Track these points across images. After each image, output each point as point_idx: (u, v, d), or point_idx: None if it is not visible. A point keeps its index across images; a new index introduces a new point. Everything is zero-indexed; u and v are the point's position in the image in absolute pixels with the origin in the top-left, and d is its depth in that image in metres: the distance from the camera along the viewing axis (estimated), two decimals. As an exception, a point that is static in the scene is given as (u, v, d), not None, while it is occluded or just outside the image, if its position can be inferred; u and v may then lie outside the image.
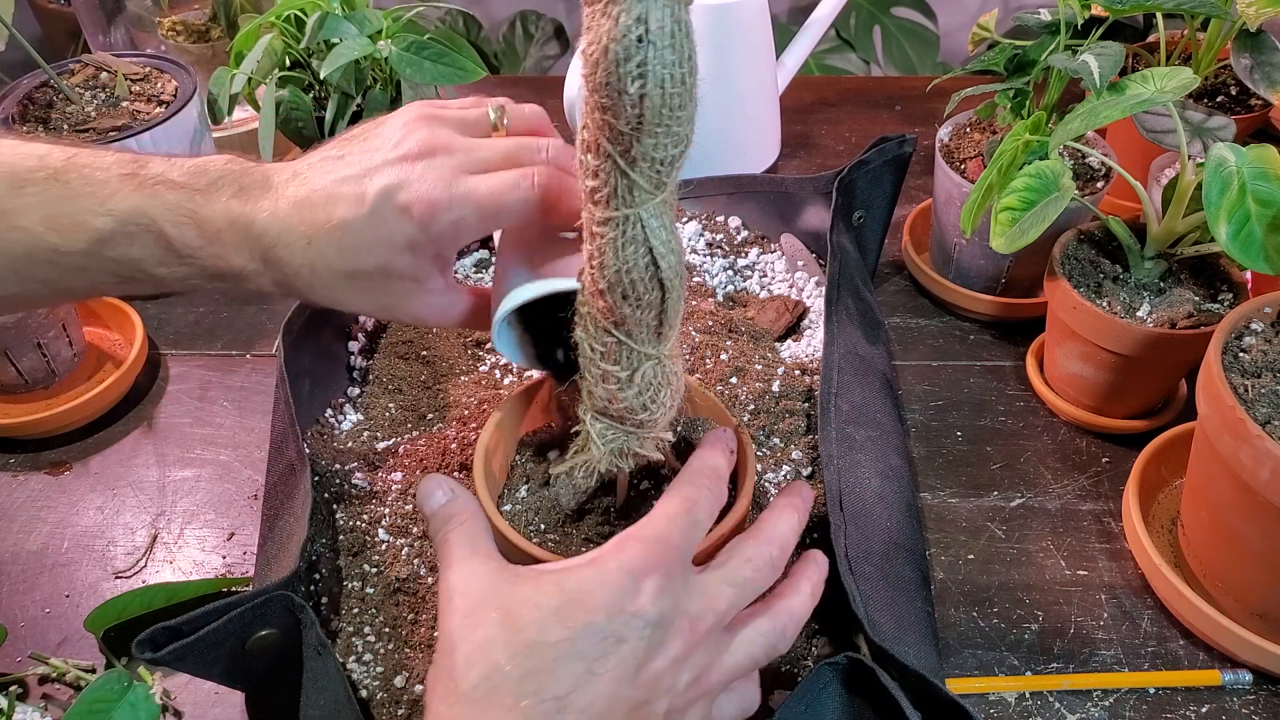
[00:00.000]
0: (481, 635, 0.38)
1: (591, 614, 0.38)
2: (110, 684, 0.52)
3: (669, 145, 0.36)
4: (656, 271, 0.40)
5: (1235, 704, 0.54)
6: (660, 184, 0.38)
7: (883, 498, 0.58)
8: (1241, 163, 0.53)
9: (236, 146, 0.92)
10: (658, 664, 0.39)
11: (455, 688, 0.37)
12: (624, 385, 0.44)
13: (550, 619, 0.38)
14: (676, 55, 0.34)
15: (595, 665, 0.38)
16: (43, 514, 0.66)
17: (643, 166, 0.37)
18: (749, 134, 0.92)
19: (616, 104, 0.35)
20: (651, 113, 0.35)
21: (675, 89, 0.35)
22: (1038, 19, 0.72)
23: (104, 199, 0.45)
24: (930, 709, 0.44)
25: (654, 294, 0.41)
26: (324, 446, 0.65)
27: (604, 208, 0.38)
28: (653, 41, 0.33)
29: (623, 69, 0.34)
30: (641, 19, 0.33)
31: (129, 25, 0.96)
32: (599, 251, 0.39)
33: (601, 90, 0.35)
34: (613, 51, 0.34)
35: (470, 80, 0.75)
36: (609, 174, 0.37)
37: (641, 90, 0.34)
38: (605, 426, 0.46)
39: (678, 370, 0.46)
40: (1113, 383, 0.65)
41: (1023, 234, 0.60)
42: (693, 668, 0.41)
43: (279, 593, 0.46)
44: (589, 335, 0.43)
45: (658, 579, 0.40)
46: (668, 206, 0.39)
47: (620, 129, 0.36)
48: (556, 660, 0.37)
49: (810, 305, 0.76)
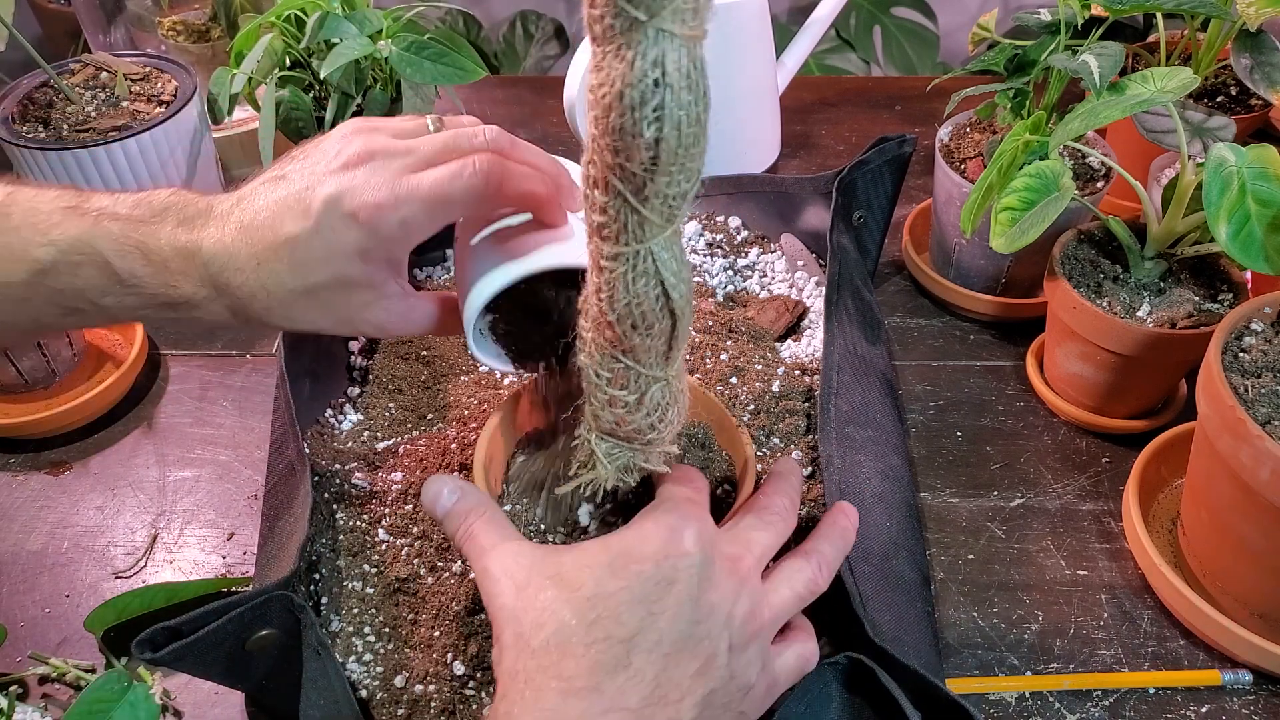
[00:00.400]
0: (543, 600, 0.40)
1: (641, 563, 0.41)
2: (110, 684, 0.52)
3: (682, 181, 0.35)
4: (668, 302, 0.39)
5: (1235, 704, 0.54)
6: (672, 218, 0.36)
7: (883, 498, 0.58)
8: (1241, 163, 0.53)
9: (236, 146, 0.92)
10: (712, 597, 0.41)
11: (527, 646, 0.39)
12: (632, 409, 0.43)
13: (604, 573, 0.40)
14: (693, 95, 0.33)
15: (654, 606, 0.40)
16: (43, 514, 0.66)
17: (655, 204, 0.35)
18: (749, 134, 0.92)
19: (630, 146, 0.33)
20: (667, 155, 0.33)
21: (691, 129, 0.33)
22: (1038, 19, 0.72)
23: (46, 230, 0.45)
24: (930, 709, 0.44)
25: (664, 323, 0.40)
26: (324, 446, 0.65)
27: (613, 243, 0.37)
28: (670, 85, 0.32)
29: (638, 114, 0.32)
30: (658, 62, 0.31)
31: (129, 25, 0.96)
32: (608, 285, 0.38)
33: (614, 134, 0.33)
34: (628, 97, 0.32)
35: (470, 80, 0.75)
36: (618, 210, 0.36)
37: (658, 134, 0.33)
38: (612, 446, 0.45)
39: (684, 386, 0.45)
40: (1113, 383, 0.65)
41: (1023, 234, 0.60)
42: (744, 602, 0.43)
43: (279, 593, 0.46)
44: (595, 362, 0.42)
45: (695, 527, 0.42)
46: (678, 237, 0.38)
47: (633, 170, 0.34)
48: (619, 607, 0.39)
49: (810, 305, 0.76)
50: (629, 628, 0.39)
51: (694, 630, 0.40)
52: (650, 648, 0.39)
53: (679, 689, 0.39)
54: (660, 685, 0.39)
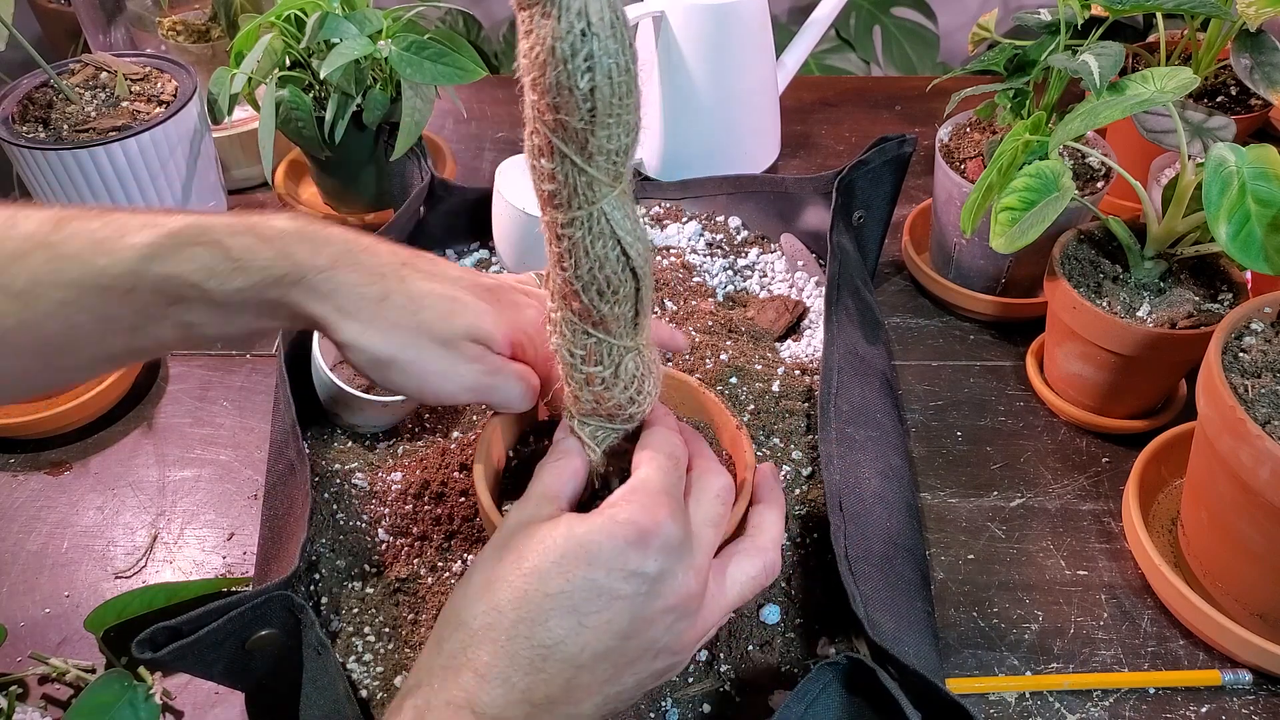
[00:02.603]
0: (492, 572, 0.40)
1: (592, 569, 0.40)
2: (110, 684, 0.52)
3: (621, 134, 0.37)
4: (628, 262, 0.41)
5: (1235, 704, 0.54)
6: (618, 175, 0.38)
7: (883, 498, 0.58)
8: (1241, 163, 0.53)
9: (236, 146, 0.91)
10: (654, 614, 0.41)
11: (458, 616, 0.40)
12: (609, 384, 0.44)
13: (552, 568, 0.40)
14: (619, 44, 0.35)
15: (587, 620, 0.39)
16: (43, 514, 0.66)
17: (599, 160, 0.37)
18: (749, 134, 0.92)
19: (568, 101, 0.35)
20: (603, 104, 0.35)
21: (622, 77, 0.35)
22: (1038, 19, 0.72)
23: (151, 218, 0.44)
24: (930, 709, 0.44)
25: (628, 285, 0.41)
26: (324, 446, 0.65)
27: (566, 210, 0.39)
28: (596, 34, 0.34)
29: (571, 64, 0.34)
30: (582, 13, 0.34)
31: (129, 25, 0.96)
32: (568, 254, 0.40)
33: (552, 90, 0.35)
34: (560, 50, 0.34)
35: (470, 80, 0.75)
36: (566, 174, 0.38)
37: (591, 83, 0.35)
38: (595, 427, 0.46)
39: (655, 357, 0.47)
40: (1113, 383, 0.65)
41: (1023, 234, 0.60)
42: (686, 620, 0.42)
43: (279, 593, 0.46)
44: (566, 341, 0.44)
45: (663, 536, 0.41)
46: (627, 197, 0.40)
47: (574, 126, 0.36)
48: (549, 612, 0.39)
49: (810, 305, 0.76)
50: (554, 635, 0.39)
51: (623, 645, 0.40)
52: (568, 659, 0.39)
53: (586, 691, 0.40)
54: (571, 689, 0.40)
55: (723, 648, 0.54)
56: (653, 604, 0.41)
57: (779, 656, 0.54)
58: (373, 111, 0.77)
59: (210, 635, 0.44)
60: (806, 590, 0.57)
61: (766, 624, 0.55)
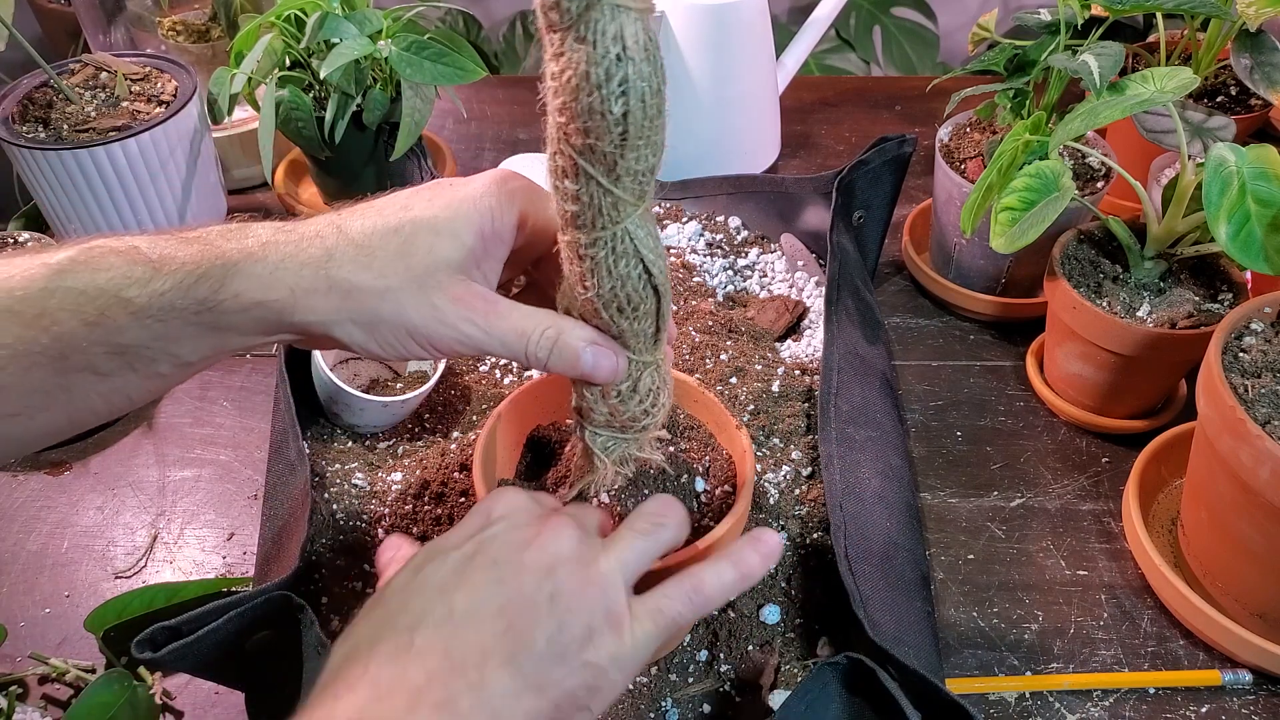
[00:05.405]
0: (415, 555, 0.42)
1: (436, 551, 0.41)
2: (110, 684, 0.52)
3: (649, 155, 0.36)
4: (650, 279, 0.40)
5: (1235, 704, 0.54)
6: (643, 194, 0.38)
7: (883, 498, 0.58)
8: (1241, 163, 0.53)
9: (236, 146, 0.91)
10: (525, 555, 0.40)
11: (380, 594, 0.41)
12: (625, 398, 0.44)
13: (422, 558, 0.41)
14: (651, 66, 0.34)
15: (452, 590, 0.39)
16: (43, 514, 0.66)
17: (626, 181, 0.36)
18: (749, 134, 0.92)
19: (599, 125, 0.34)
20: (635, 128, 0.35)
21: (654, 100, 0.35)
22: (1038, 19, 0.72)
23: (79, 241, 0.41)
24: (930, 709, 0.44)
25: (649, 302, 0.41)
26: (324, 446, 0.65)
27: (590, 230, 0.38)
28: (631, 58, 0.33)
29: (605, 90, 0.33)
30: (618, 37, 0.33)
31: (129, 25, 0.96)
32: (590, 273, 0.39)
33: (583, 116, 0.34)
34: (594, 75, 0.33)
35: (470, 80, 0.75)
36: (591, 195, 0.37)
37: (625, 107, 0.34)
38: (607, 439, 0.46)
39: (670, 370, 0.47)
40: (1113, 383, 0.65)
41: (1023, 234, 0.60)
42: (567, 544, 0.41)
43: (279, 593, 0.46)
44: None
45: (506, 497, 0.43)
46: (649, 213, 0.39)
47: (604, 149, 0.35)
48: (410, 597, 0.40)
49: (810, 305, 0.76)
50: (414, 615, 0.38)
51: (499, 590, 0.39)
52: (437, 623, 0.38)
53: (479, 652, 0.37)
54: (451, 655, 0.37)
55: (723, 648, 0.54)
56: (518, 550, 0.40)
57: (779, 656, 0.54)
58: (373, 111, 0.77)
59: (210, 635, 0.44)
60: (806, 590, 0.57)
61: (766, 624, 0.55)
